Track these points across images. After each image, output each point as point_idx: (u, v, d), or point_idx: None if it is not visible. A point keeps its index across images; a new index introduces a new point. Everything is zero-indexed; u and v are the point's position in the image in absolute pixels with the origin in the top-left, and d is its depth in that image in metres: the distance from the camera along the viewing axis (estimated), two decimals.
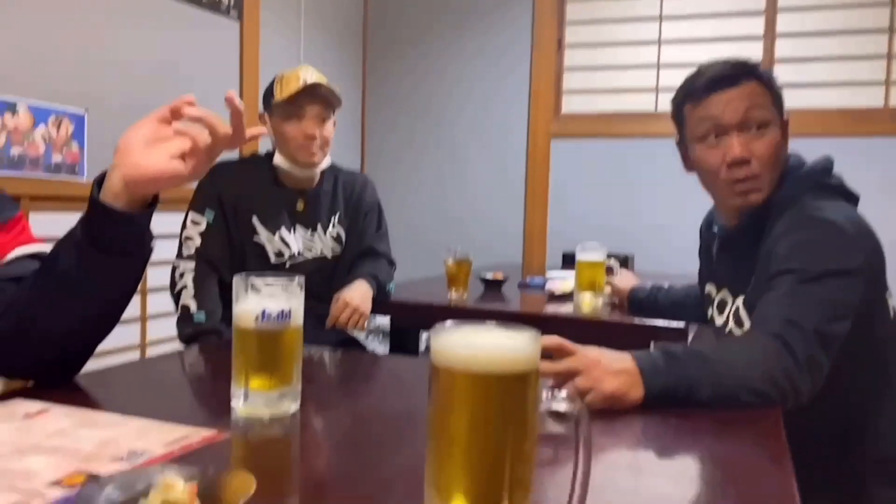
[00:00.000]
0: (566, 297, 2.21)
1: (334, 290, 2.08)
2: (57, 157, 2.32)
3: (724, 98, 1.29)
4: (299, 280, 0.92)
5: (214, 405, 0.96)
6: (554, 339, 0.99)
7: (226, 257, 2.02)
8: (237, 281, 0.91)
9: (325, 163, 2.10)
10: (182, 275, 1.96)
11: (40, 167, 2.27)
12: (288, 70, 2.03)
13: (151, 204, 0.96)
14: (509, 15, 4.00)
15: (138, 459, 0.71)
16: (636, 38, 3.81)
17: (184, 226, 2.00)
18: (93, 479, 0.64)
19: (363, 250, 2.21)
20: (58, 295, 0.94)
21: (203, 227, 1.99)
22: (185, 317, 1.94)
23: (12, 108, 2.17)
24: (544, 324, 1.98)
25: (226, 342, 1.76)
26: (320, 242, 2.12)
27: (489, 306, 2.16)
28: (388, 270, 2.21)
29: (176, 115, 0.93)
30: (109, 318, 1.02)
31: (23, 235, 1.04)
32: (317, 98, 1.99)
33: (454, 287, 2.17)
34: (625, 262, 2.99)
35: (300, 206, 2.09)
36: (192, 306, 1.94)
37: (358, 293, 2.03)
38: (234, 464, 0.75)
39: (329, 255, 2.13)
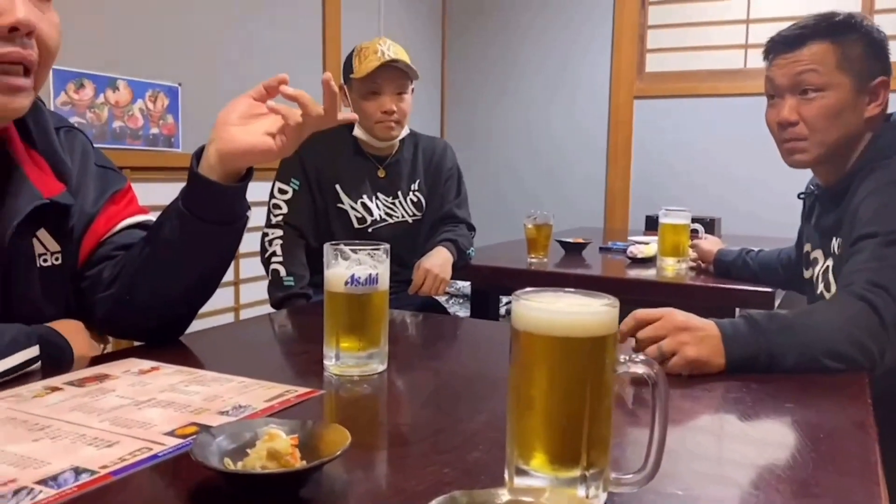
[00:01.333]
0: (648, 261, 2.19)
1: (416, 254, 2.13)
2: (154, 130, 2.45)
3: (782, 61, 1.36)
4: (385, 247, 0.96)
5: (306, 364, 1.01)
6: (636, 316, 1.00)
7: (311, 224, 2.11)
8: (328, 248, 0.96)
9: (404, 132, 2.15)
10: (271, 242, 2.06)
11: (140, 139, 2.40)
12: (366, 42, 2.07)
13: (245, 176, 1.01)
14: None
15: (242, 413, 0.77)
16: None
17: (271, 195, 2.09)
18: (204, 429, 0.70)
19: (443, 216, 2.25)
20: (163, 261, 1.01)
21: (289, 195, 2.07)
22: (275, 281, 2.04)
23: (113, 84, 2.30)
24: (626, 288, 1.98)
25: (313, 305, 1.86)
26: (401, 208, 2.17)
27: (569, 270, 2.17)
28: (468, 236, 2.24)
29: (271, 92, 0.98)
30: (210, 283, 1.09)
31: (131, 206, 1.12)
32: (394, 73, 2.03)
33: (534, 251, 2.19)
34: (710, 225, 2.93)
35: (381, 173, 2.15)
36: (282, 271, 2.03)
37: (438, 260, 2.08)
38: (329, 419, 0.80)
39: (410, 220, 2.19)
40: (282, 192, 2.08)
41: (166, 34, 2.50)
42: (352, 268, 0.94)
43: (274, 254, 2.05)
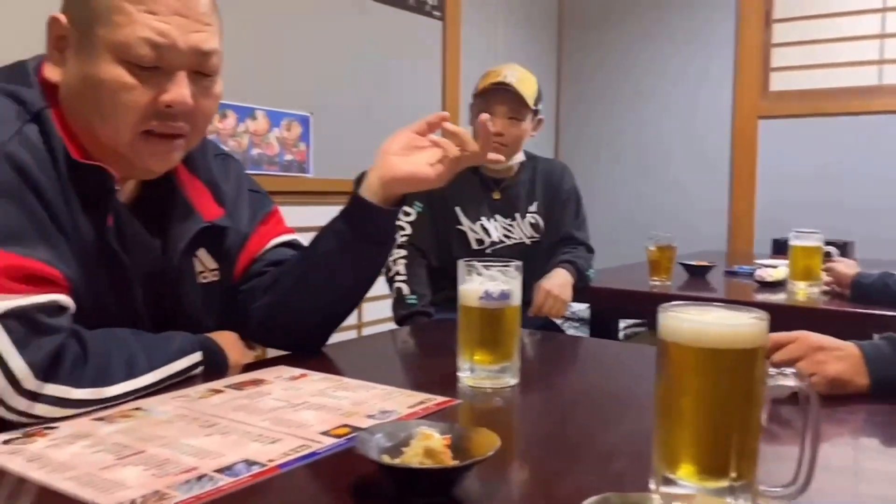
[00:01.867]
0: (778, 285, 2.12)
1: (534, 276, 2.15)
2: (288, 156, 2.60)
3: None
4: (517, 264, 1.00)
5: (441, 376, 1.06)
6: (771, 338, 0.99)
7: (432, 244, 2.17)
8: (461, 264, 1.00)
9: (518, 157, 2.18)
10: (395, 261, 2.12)
11: (275, 165, 2.56)
12: (496, 66, 2.12)
13: (400, 202, 1.09)
14: None
15: (388, 417, 0.81)
16: (855, 7, 3.51)
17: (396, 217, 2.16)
18: (355, 429, 0.75)
19: (562, 237, 2.25)
20: (315, 276, 1.09)
21: (412, 217, 2.15)
22: (399, 299, 2.10)
23: (252, 114, 2.47)
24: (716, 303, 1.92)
25: (437, 321, 1.91)
26: (519, 230, 2.20)
27: (694, 293, 2.12)
28: (588, 258, 2.24)
29: (432, 127, 1.07)
30: (355, 297, 1.16)
31: (279, 226, 1.21)
32: (507, 97, 2.05)
33: (656, 274, 2.16)
34: (843, 248, 2.79)
35: (496, 195, 2.19)
36: (405, 290, 2.10)
37: (559, 281, 2.09)
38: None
39: (528, 241, 2.21)
40: (405, 213, 2.16)
41: (300, 67, 2.66)
42: (485, 283, 0.98)
43: (398, 273, 2.12)
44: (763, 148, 3.74)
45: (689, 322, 0.58)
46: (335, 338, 1.33)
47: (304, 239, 1.21)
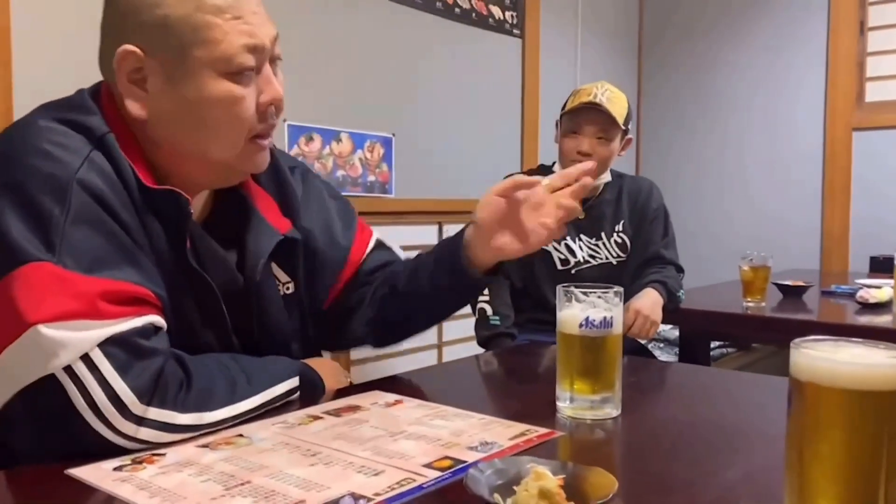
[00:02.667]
0: (882, 306, 2.01)
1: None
2: (371, 177, 2.63)
3: None
4: (618, 290, 0.96)
5: (538, 405, 1.03)
6: None
7: (515, 265, 2.11)
8: (560, 290, 0.97)
9: (605, 177, 2.14)
10: None
11: (359, 186, 2.59)
12: (588, 84, 2.09)
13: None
14: (800, 1, 3.71)
15: (490, 450, 0.79)
16: None
17: None
18: (458, 462, 0.73)
19: (650, 257, 2.19)
20: (410, 297, 1.12)
21: None
22: (482, 320, 2.09)
23: (337, 136, 2.51)
24: (857, 335, 1.82)
25: (529, 346, 1.88)
26: (605, 249, 2.15)
27: (790, 315, 2.04)
28: (677, 278, 2.17)
29: (518, 188, 1.03)
30: (438, 318, 1.18)
31: (365, 231, 1.23)
32: (597, 116, 2.01)
33: (750, 294, 2.08)
34: None
35: (581, 215, 2.09)
36: (488, 310, 2.08)
37: (648, 301, 2.03)
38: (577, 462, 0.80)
39: (614, 261, 2.16)
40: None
41: (382, 89, 2.69)
42: (586, 310, 0.95)
43: (481, 293, 2.09)
44: (857, 161, 3.57)
45: (827, 362, 0.54)
46: (407, 360, 1.34)
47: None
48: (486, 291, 2.09)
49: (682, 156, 4.11)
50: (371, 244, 1.20)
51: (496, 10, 3.15)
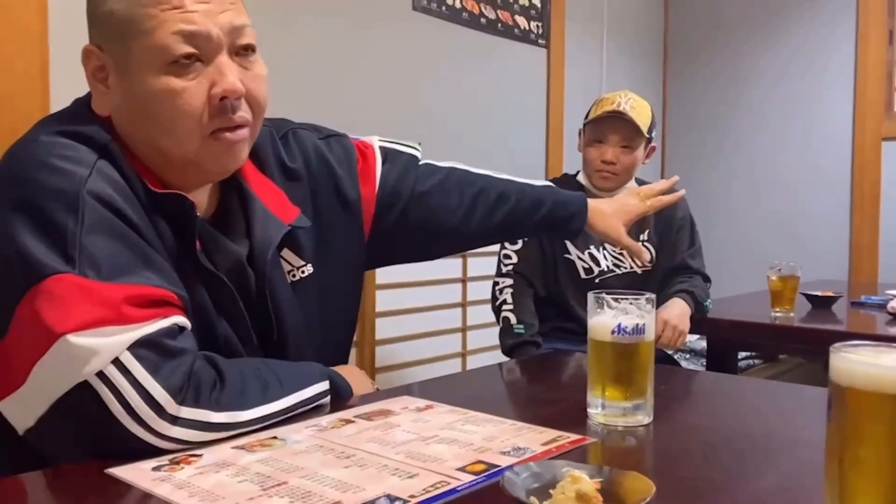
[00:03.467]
0: None
1: None
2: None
3: None
4: (650, 297, 0.96)
5: (568, 412, 1.03)
6: None
7: (539, 273, 2.14)
8: (592, 297, 0.97)
9: (630, 185, 2.13)
10: (501, 290, 2.12)
11: None
12: (611, 93, 2.10)
13: None
14: (828, 9, 3.68)
15: (523, 454, 0.79)
16: None
17: (502, 246, 2.16)
18: (491, 466, 0.74)
19: (676, 266, 2.18)
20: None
21: (519, 245, 2.13)
22: (506, 329, 2.09)
23: None
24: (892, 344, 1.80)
25: (556, 353, 1.89)
26: (629, 259, 2.14)
27: (819, 326, 2.02)
28: (704, 287, 2.16)
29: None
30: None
31: (368, 155, 1.22)
32: (621, 125, 2.02)
33: (779, 305, 2.06)
34: None
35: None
36: (513, 319, 2.08)
37: (676, 311, 2.01)
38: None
39: (639, 271, 2.15)
40: (512, 242, 2.14)
41: (407, 99, 2.71)
42: (618, 317, 0.94)
43: (504, 301, 2.11)
44: (887, 171, 3.53)
45: (865, 366, 0.53)
46: (431, 368, 1.34)
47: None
48: (509, 300, 2.11)
49: (709, 164, 4.09)
50: (378, 166, 1.21)
51: (522, 21, 3.16)
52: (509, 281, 2.12)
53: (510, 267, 2.13)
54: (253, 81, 0.94)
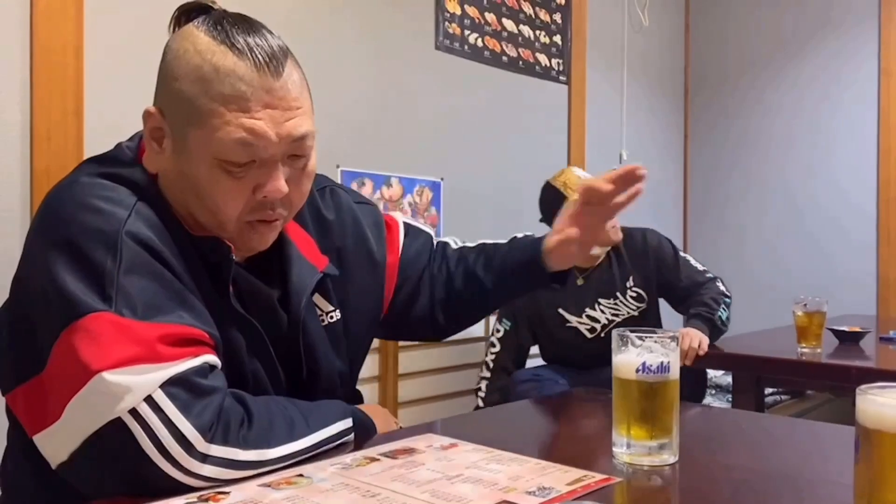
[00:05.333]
0: None
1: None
2: (420, 221, 2.67)
3: None
4: (675, 335, 0.96)
5: (593, 450, 1.03)
6: None
7: (547, 343, 2.43)
8: (616, 335, 0.97)
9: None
10: (479, 381, 2.45)
11: None
12: (558, 176, 2.37)
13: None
14: (852, 44, 3.68)
15: (548, 495, 0.79)
16: None
17: (491, 334, 2.45)
18: None
19: (687, 287, 2.29)
20: (476, 279, 1.25)
21: (502, 333, 2.40)
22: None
23: (388, 181, 2.56)
24: None
25: (567, 392, 1.97)
26: (624, 306, 2.32)
27: (847, 362, 1.99)
28: (713, 301, 2.21)
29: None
30: (497, 303, 1.34)
31: (393, 228, 1.26)
32: None
33: (805, 340, 2.04)
34: None
35: (580, 281, 2.32)
36: (481, 395, 2.43)
37: (692, 332, 2.12)
38: None
39: (636, 312, 2.31)
40: (497, 331, 2.42)
41: (431, 135, 2.75)
42: (643, 355, 0.94)
43: (479, 389, 2.45)
44: None
45: (893, 409, 0.53)
46: (449, 405, 1.35)
47: None
48: (484, 388, 2.42)
49: (733, 199, 4.07)
50: (401, 238, 1.25)
51: (543, 58, 3.20)
52: (487, 374, 2.41)
53: (493, 357, 2.41)
54: (297, 183, 0.96)
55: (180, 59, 0.90)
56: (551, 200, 2.33)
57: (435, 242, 1.31)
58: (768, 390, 3.06)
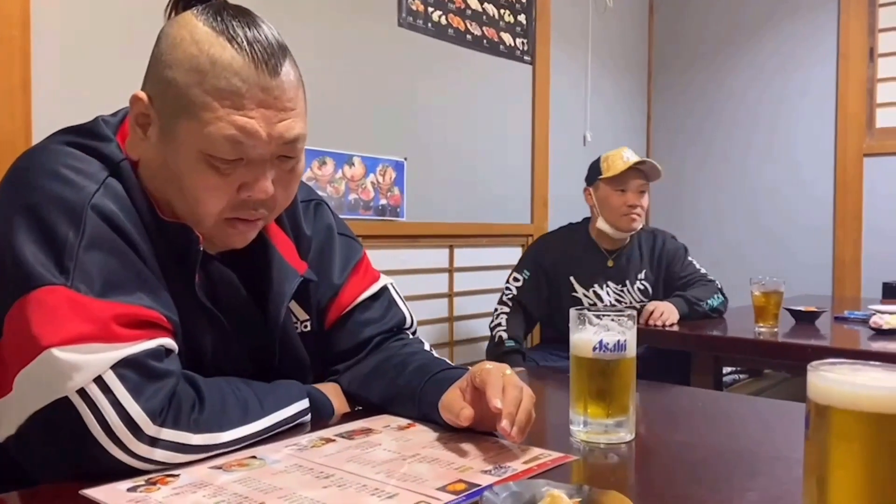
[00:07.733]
0: (894, 332, 1.99)
1: None
2: (382, 201, 2.64)
3: None
4: (630, 313, 0.96)
5: (550, 428, 1.02)
6: None
7: (543, 304, 2.46)
8: (573, 313, 0.97)
9: (639, 224, 2.46)
10: (498, 315, 2.44)
11: (370, 210, 2.60)
12: (611, 151, 2.46)
13: None
14: (809, 27, 3.73)
15: (504, 473, 0.79)
16: None
17: (507, 281, 2.49)
18: (472, 485, 0.73)
19: (682, 280, 2.47)
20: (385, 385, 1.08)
21: (520, 282, 2.46)
22: (498, 343, 2.38)
23: (349, 160, 2.53)
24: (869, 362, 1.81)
25: (538, 369, 1.98)
26: (629, 295, 2.44)
27: (803, 341, 2.02)
28: (703, 291, 2.38)
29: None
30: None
31: (367, 275, 1.17)
32: (637, 174, 2.39)
33: (762, 320, 2.07)
34: None
35: (610, 263, 2.46)
36: (505, 336, 2.38)
37: (663, 303, 2.26)
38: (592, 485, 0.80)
39: (638, 305, 2.41)
40: (515, 279, 2.48)
41: (394, 114, 2.71)
42: (599, 333, 0.94)
43: (499, 325, 2.42)
44: (869, 187, 3.57)
45: (842, 384, 0.53)
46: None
47: (398, 281, 1.21)
48: (503, 324, 2.41)
49: (693, 182, 4.11)
50: (369, 291, 1.14)
51: (507, 38, 3.18)
52: (506, 308, 2.44)
53: (510, 295, 2.45)
54: (284, 185, 0.93)
55: (176, 48, 0.87)
56: (592, 170, 2.48)
57: (410, 329, 1.19)
58: (726, 369, 3.11)
